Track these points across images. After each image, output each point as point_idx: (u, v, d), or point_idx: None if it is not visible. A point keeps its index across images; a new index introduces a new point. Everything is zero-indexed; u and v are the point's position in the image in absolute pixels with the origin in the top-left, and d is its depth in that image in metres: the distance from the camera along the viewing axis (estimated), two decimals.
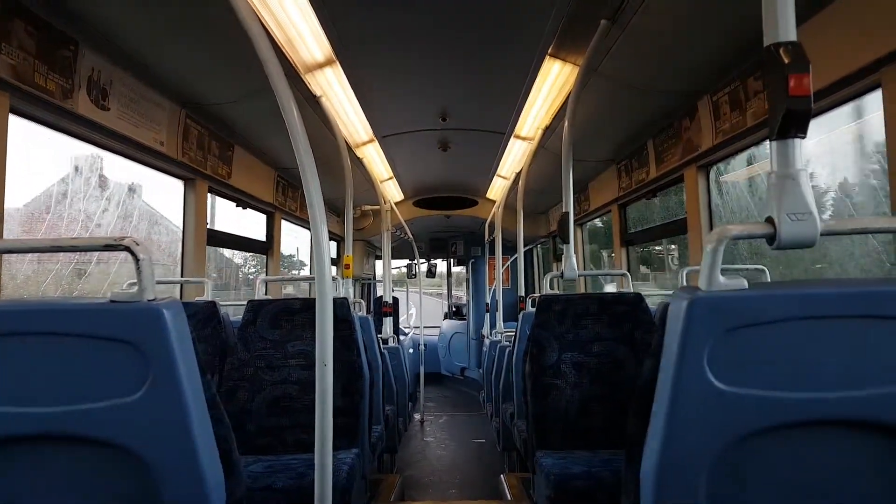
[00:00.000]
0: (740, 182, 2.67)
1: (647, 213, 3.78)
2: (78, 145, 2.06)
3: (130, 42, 1.99)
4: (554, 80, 2.62)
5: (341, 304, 2.13)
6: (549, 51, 2.29)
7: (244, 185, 3.30)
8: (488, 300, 6.05)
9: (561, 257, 4.05)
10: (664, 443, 0.84)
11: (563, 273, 2.44)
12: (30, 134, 1.84)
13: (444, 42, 2.28)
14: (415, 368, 5.63)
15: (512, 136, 3.49)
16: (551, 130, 3.19)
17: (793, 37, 0.84)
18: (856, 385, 0.83)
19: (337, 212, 5.25)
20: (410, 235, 5.57)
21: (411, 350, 5.98)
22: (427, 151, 3.92)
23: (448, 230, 6.85)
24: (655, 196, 3.37)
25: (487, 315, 5.80)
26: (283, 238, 4.05)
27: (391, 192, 5.14)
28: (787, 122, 0.83)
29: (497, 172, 4.52)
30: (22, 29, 1.62)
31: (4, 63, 1.57)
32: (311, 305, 2.14)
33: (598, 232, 5.04)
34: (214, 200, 3.25)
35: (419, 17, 2.07)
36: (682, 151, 2.75)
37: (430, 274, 7.77)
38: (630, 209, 3.85)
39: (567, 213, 2.39)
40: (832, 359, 0.83)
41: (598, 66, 2.28)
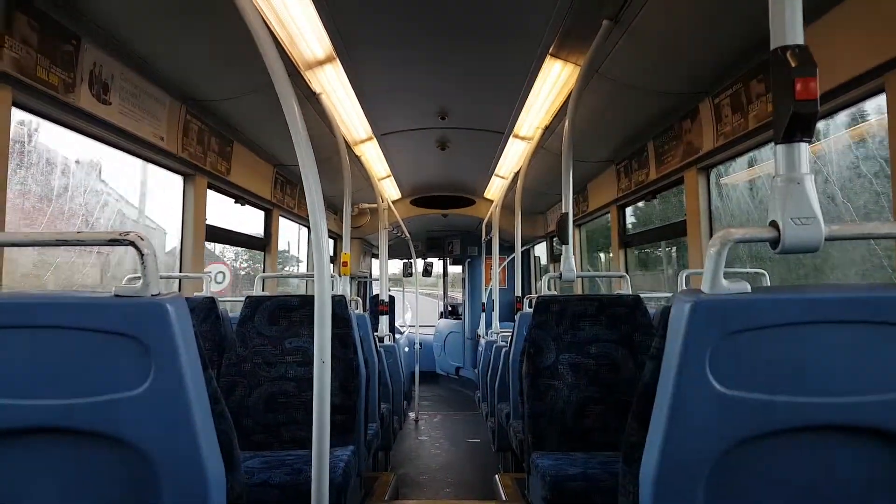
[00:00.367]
0: (741, 185, 2.67)
1: (645, 217, 3.78)
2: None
3: (132, 37, 1.99)
4: (555, 80, 2.62)
5: (339, 302, 2.12)
6: (551, 50, 2.28)
7: (243, 181, 3.29)
8: (484, 300, 6.05)
9: (559, 258, 4.04)
10: (664, 445, 0.84)
11: (561, 274, 2.44)
12: None
13: (444, 41, 2.28)
14: (410, 367, 5.63)
15: (511, 136, 3.48)
16: (551, 130, 3.19)
17: (800, 40, 0.83)
18: (857, 391, 0.83)
19: (334, 209, 5.24)
20: (407, 234, 5.57)
21: (407, 349, 5.97)
22: (425, 150, 3.91)
23: (445, 229, 6.84)
24: (655, 198, 3.37)
25: (483, 315, 5.79)
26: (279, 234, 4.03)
27: (389, 190, 5.13)
28: (793, 126, 0.83)
29: (495, 172, 4.52)
30: (25, 23, 1.62)
31: (7, 57, 1.58)
32: (308, 302, 2.13)
33: (595, 233, 5.04)
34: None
35: (420, 15, 2.06)
36: (682, 153, 2.74)
37: (427, 273, 7.76)
38: (629, 210, 3.85)
39: (566, 214, 2.38)
40: (834, 364, 0.83)
41: (600, 67, 2.27)
